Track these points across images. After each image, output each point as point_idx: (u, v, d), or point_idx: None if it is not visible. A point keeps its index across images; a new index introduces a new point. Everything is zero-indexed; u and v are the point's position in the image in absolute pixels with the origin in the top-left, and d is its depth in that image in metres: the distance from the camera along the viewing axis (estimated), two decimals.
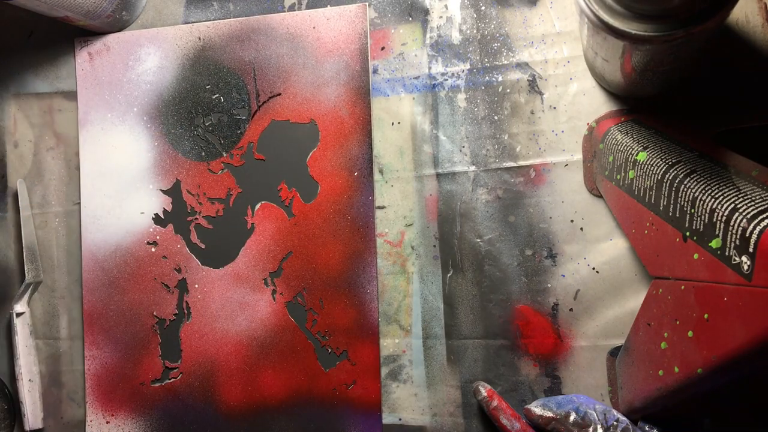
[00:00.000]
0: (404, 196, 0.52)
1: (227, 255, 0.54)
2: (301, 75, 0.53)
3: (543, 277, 0.49)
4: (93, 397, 0.55)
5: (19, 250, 0.58)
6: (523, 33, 0.50)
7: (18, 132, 0.59)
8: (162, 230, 0.55)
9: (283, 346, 0.52)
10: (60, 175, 0.58)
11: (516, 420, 0.46)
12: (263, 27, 0.54)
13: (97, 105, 0.57)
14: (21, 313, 0.57)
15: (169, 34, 0.56)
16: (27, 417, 0.55)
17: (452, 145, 0.51)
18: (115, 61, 0.57)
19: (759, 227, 0.29)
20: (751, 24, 0.46)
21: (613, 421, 0.43)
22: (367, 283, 0.51)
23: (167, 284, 0.54)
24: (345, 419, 0.51)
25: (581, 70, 0.49)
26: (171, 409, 0.54)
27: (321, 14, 0.53)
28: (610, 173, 0.44)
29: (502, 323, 0.49)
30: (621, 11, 0.33)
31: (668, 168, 0.38)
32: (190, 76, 0.55)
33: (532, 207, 0.49)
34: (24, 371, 0.56)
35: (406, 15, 0.52)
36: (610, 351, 0.47)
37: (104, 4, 0.53)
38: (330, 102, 0.53)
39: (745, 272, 0.29)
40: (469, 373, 0.50)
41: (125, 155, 0.56)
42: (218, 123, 0.54)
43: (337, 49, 0.53)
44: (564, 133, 0.49)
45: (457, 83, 0.51)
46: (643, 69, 0.40)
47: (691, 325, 0.34)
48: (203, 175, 0.54)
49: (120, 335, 0.55)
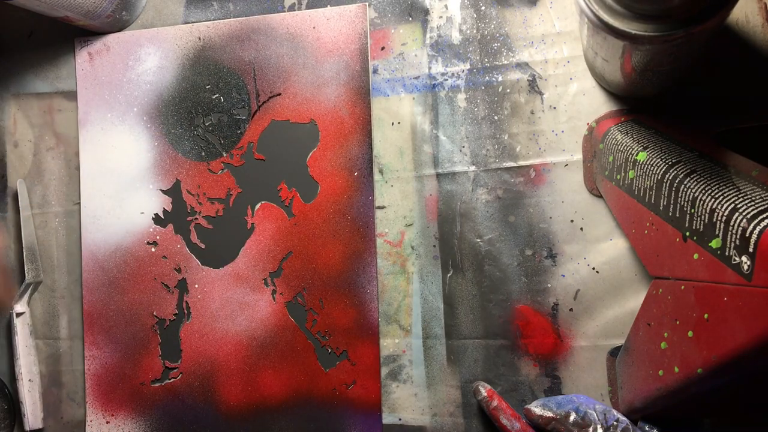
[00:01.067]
0: (404, 196, 0.52)
1: (227, 255, 0.54)
2: (301, 75, 0.53)
3: (543, 277, 0.49)
4: (93, 397, 0.55)
5: (19, 250, 0.58)
6: (523, 33, 0.50)
7: (18, 132, 0.59)
8: (162, 230, 0.55)
9: (283, 346, 0.52)
10: (60, 175, 0.58)
11: (516, 420, 0.46)
12: (263, 27, 0.54)
13: (97, 105, 0.57)
14: (21, 313, 0.57)
15: (169, 34, 0.56)
16: (27, 417, 0.55)
17: (452, 145, 0.51)
18: (115, 61, 0.57)
19: (759, 227, 0.29)
20: (751, 24, 0.46)
21: (613, 421, 0.43)
22: (367, 283, 0.51)
23: (167, 284, 0.54)
24: (345, 419, 0.51)
25: (581, 70, 0.49)
26: (171, 409, 0.54)
27: (321, 14, 0.53)
28: (610, 173, 0.44)
29: (502, 323, 0.49)
30: (621, 11, 0.33)
31: (668, 168, 0.38)
32: (190, 76, 0.55)
33: (532, 207, 0.49)
34: (24, 371, 0.56)
35: (406, 15, 0.52)
36: (610, 351, 0.47)
37: (104, 4, 0.53)
38: (330, 102, 0.53)
39: (745, 272, 0.29)
40: (469, 373, 0.50)
41: (125, 155, 0.56)
42: (218, 123, 0.54)
43: (337, 49, 0.53)
44: (564, 133, 0.49)
45: (457, 83, 0.51)
46: (643, 69, 0.39)
47: (691, 325, 0.34)
48: (203, 175, 0.54)
49: (120, 335, 0.55)
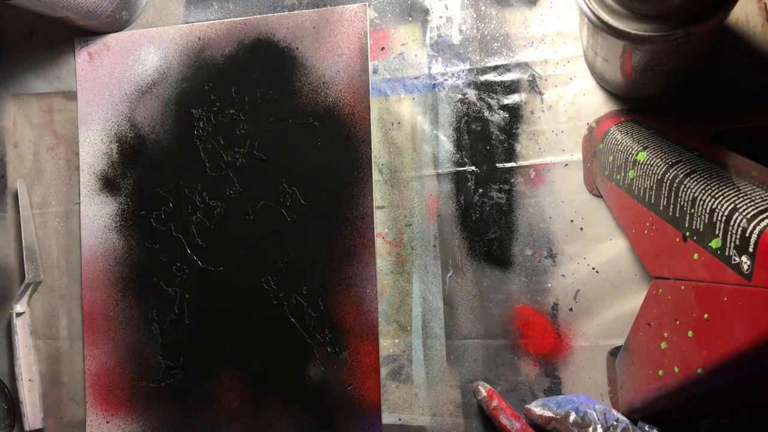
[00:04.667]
0: (404, 196, 0.52)
1: (227, 255, 0.54)
2: (301, 75, 0.53)
3: (543, 277, 0.49)
4: (93, 397, 0.55)
5: (19, 250, 0.58)
6: (523, 33, 0.50)
7: (18, 132, 0.59)
8: (162, 230, 0.55)
9: (283, 347, 0.52)
10: (60, 175, 0.58)
11: (516, 420, 0.46)
12: (263, 27, 0.54)
13: (97, 105, 0.57)
14: (21, 313, 0.57)
15: (169, 33, 0.56)
16: (27, 417, 0.55)
17: (452, 145, 0.51)
18: (115, 60, 0.57)
19: (759, 227, 0.29)
20: (751, 24, 0.46)
21: (612, 421, 0.43)
22: (367, 283, 0.51)
23: (167, 284, 0.54)
24: (345, 419, 0.51)
25: (581, 70, 0.49)
26: (171, 409, 0.54)
27: (321, 14, 0.53)
28: (610, 173, 0.44)
29: (502, 323, 0.49)
30: (621, 11, 0.33)
31: (668, 168, 0.38)
32: (189, 75, 0.55)
33: (532, 207, 0.49)
34: (24, 371, 0.56)
35: (406, 15, 0.52)
36: (610, 351, 0.47)
37: (104, 4, 0.53)
38: (330, 102, 0.52)
39: (745, 272, 0.29)
40: (468, 373, 0.50)
41: (125, 155, 0.56)
42: (218, 123, 0.54)
43: (337, 49, 0.53)
44: (564, 133, 0.49)
45: (457, 83, 0.51)
46: (643, 69, 0.40)
47: (691, 325, 0.34)
48: (203, 175, 0.54)
49: (120, 335, 0.55)
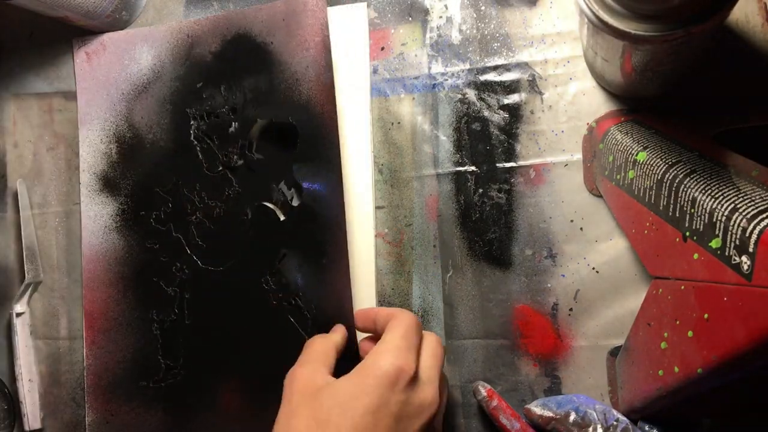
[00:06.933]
0: (404, 196, 0.52)
1: (227, 255, 0.54)
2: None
3: (543, 277, 0.49)
4: (93, 397, 0.55)
5: (19, 250, 0.58)
6: (523, 33, 0.50)
7: (18, 132, 0.59)
8: (162, 230, 0.55)
9: (283, 347, 0.52)
10: (60, 175, 0.58)
11: (516, 420, 0.46)
12: (241, 21, 0.54)
13: (96, 105, 0.57)
14: (21, 313, 0.57)
15: (160, 32, 0.56)
16: (27, 417, 0.55)
17: (452, 145, 0.51)
18: (112, 60, 0.57)
19: (759, 227, 0.29)
20: (751, 24, 0.46)
21: (612, 421, 0.43)
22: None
23: (167, 284, 0.54)
24: None
25: (581, 70, 0.49)
26: (171, 409, 0.54)
27: (288, 4, 0.53)
28: (610, 173, 0.44)
29: (502, 323, 0.49)
30: (621, 11, 0.33)
31: (668, 168, 0.38)
32: (182, 74, 0.55)
33: (532, 207, 0.49)
34: (24, 371, 0.56)
35: (405, 15, 0.52)
36: (610, 351, 0.47)
37: (104, 4, 0.53)
38: (303, 100, 0.52)
39: (745, 272, 0.29)
40: (468, 373, 0.50)
41: (124, 155, 0.56)
42: (212, 123, 0.54)
43: (305, 42, 0.52)
44: (564, 133, 0.49)
45: (456, 83, 0.51)
46: (643, 69, 0.40)
47: (691, 325, 0.34)
48: (202, 175, 0.54)
49: (120, 335, 0.55)
